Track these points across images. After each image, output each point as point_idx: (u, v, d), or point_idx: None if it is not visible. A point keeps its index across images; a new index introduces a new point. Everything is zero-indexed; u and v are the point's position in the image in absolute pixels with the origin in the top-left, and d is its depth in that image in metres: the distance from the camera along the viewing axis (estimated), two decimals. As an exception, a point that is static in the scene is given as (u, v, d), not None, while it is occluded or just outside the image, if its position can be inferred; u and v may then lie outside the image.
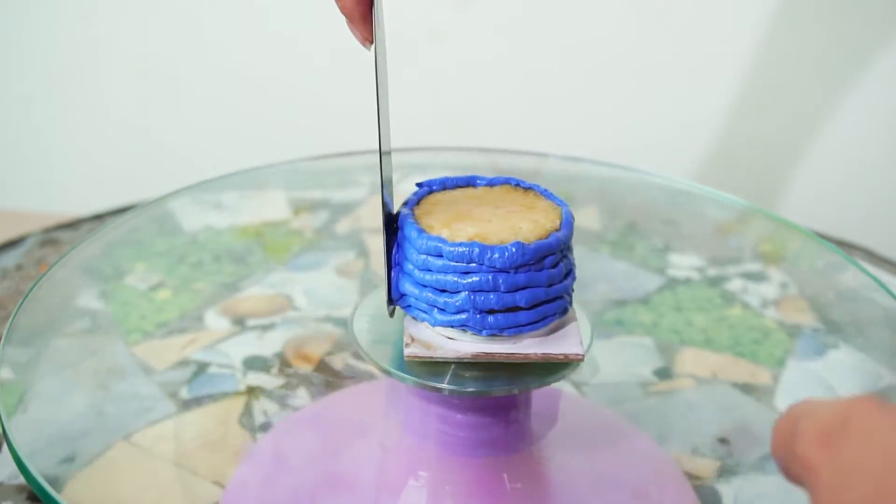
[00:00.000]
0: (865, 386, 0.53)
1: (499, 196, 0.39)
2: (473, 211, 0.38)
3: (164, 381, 0.51)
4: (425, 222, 0.37)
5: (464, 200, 0.39)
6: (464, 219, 0.37)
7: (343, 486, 0.43)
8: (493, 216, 0.37)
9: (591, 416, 0.50)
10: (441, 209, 0.38)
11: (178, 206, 0.67)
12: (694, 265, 0.65)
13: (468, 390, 0.36)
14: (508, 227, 0.36)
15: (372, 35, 0.36)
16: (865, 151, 0.89)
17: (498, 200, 0.39)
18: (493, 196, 0.39)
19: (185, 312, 0.58)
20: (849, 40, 0.86)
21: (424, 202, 0.39)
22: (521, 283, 0.35)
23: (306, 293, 0.61)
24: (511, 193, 0.40)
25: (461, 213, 0.37)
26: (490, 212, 0.38)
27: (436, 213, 0.38)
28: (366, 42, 0.36)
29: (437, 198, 0.39)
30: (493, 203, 0.38)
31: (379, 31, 0.36)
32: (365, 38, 0.36)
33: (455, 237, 0.36)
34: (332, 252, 0.66)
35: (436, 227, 0.37)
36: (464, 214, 0.37)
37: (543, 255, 0.36)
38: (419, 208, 0.38)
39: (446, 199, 0.39)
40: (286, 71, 0.92)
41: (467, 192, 0.40)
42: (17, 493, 0.45)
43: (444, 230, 0.36)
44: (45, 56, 0.92)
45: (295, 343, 0.55)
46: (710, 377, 0.53)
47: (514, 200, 0.39)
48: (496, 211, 0.38)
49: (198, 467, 0.45)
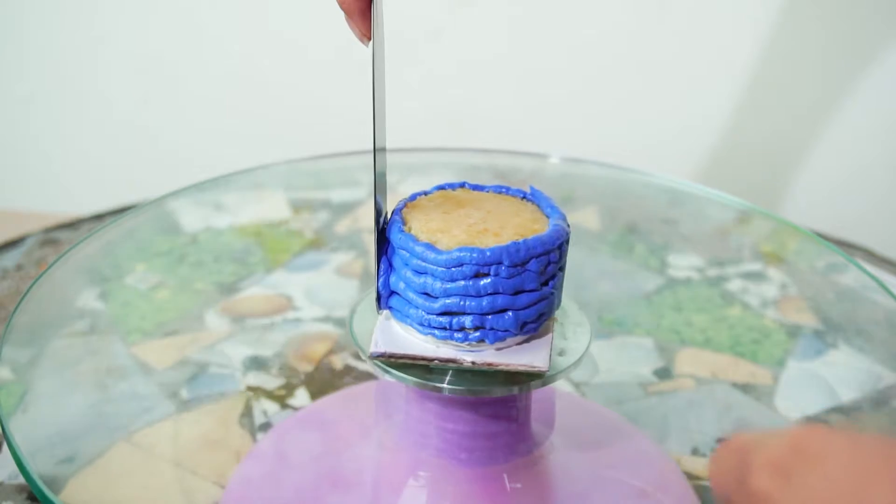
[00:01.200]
0: (865, 386, 0.53)
1: (486, 202, 0.39)
2: (459, 216, 0.37)
3: (164, 381, 0.51)
4: (411, 225, 0.37)
5: (451, 205, 0.39)
6: (449, 223, 0.37)
7: (343, 486, 0.43)
8: (477, 222, 0.37)
9: (591, 416, 0.50)
10: (427, 213, 0.38)
11: (178, 206, 0.67)
12: (694, 265, 0.65)
13: (468, 390, 0.36)
14: (490, 234, 0.36)
15: (370, 32, 0.36)
16: (865, 151, 0.89)
17: (485, 207, 0.39)
18: (480, 202, 0.39)
19: (185, 312, 0.58)
20: (849, 40, 0.86)
21: (413, 205, 0.39)
22: (501, 290, 0.35)
23: (306, 293, 0.61)
24: (498, 200, 0.39)
25: (446, 217, 0.37)
26: (475, 218, 0.37)
27: (422, 217, 0.37)
28: (364, 38, 0.36)
29: (424, 202, 0.39)
30: (479, 210, 0.38)
31: (378, 28, 0.36)
32: (363, 34, 0.36)
33: (437, 242, 0.36)
34: (332, 252, 0.66)
35: (419, 232, 0.36)
36: (449, 219, 0.37)
37: (522, 263, 0.35)
38: (407, 210, 0.38)
39: (433, 203, 0.39)
40: (286, 71, 0.92)
41: (455, 197, 0.39)
42: (17, 493, 0.45)
43: (426, 234, 0.36)
44: (45, 56, 0.92)
45: (295, 343, 0.55)
46: (710, 377, 0.53)
47: (501, 208, 0.39)
48: (481, 217, 0.37)
49: (198, 467, 0.45)
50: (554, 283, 0.37)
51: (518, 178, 0.71)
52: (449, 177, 0.71)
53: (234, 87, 0.93)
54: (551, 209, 0.38)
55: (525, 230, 0.37)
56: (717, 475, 0.26)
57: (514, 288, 0.35)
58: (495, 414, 0.39)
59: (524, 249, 0.35)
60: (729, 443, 0.26)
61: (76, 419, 0.48)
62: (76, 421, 0.47)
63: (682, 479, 0.45)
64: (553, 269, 0.37)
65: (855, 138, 0.88)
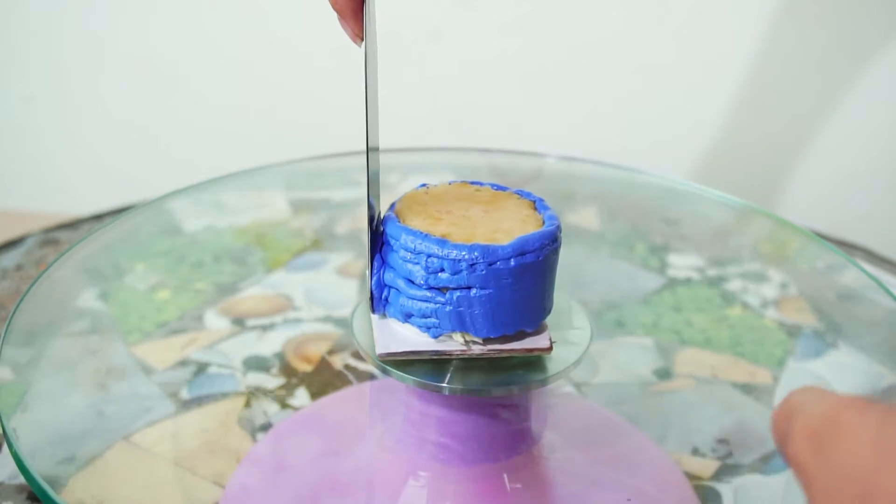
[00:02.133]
0: (865, 386, 0.53)
1: (483, 199, 0.39)
2: (455, 213, 0.37)
3: (164, 381, 0.51)
4: (407, 221, 0.37)
5: (448, 200, 0.39)
6: (443, 219, 0.37)
7: (343, 487, 0.43)
8: (474, 219, 0.37)
9: (591, 416, 0.50)
10: (423, 209, 0.38)
11: (178, 206, 0.67)
12: (694, 265, 0.65)
13: (468, 390, 0.36)
14: (488, 231, 0.36)
15: (362, 32, 0.36)
16: (865, 151, 0.89)
17: (482, 204, 0.39)
18: (478, 199, 0.39)
19: (185, 312, 0.58)
20: (849, 40, 0.86)
21: (408, 199, 0.39)
22: (499, 288, 0.35)
23: (306, 293, 0.61)
24: (496, 197, 0.39)
25: (442, 213, 0.37)
26: (472, 214, 0.37)
27: (417, 213, 0.37)
28: (356, 39, 0.36)
29: (420, 196, 0.39)
30: (477, 206, 0.38)
31: (370, 28, 0.36)
32: (355, 34, 0.36)
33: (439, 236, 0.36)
34: (332, 252, 0.66)
35: (416, 225, 0.36)
36: (444, 215, 0.37)
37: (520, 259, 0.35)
38: (402, 204, 0.38)
39: (429, 198, 0.39)
40: (286, 71, 0.92)
41: (452, 192, 0.39)
42: (17, 493, 0.45)
43: (424, 229, 0.36)
44: (45, 56, 0.92)
45: (295, 343, 0.55)
46: (710, 377, 0.53)
47: (497, 205, 0.39)
48: (478, 214, 0.38)
49: (198, 467, 0.45)
50: (550, 279, 0.37)
51: (518, 178, 0.71)
52: (449, 177, 0.71)
53: (234, 88, 0.93)
54: (543, 208, 0.38)
55: (523, 227, 0.37)
56: (774, 432, 0.27)
57: (512, 284, 0.35)
58: (495, 414, 0.39)
59: (521, 245, 0.35)
60: (787, 399, 0.27)
61: (76, 419, 0.48)
62: (76, 421, 0.47)
63: (682, 479, 0.45)
64: (551, 265, 0.37)
65: (855, 138, 0.88)
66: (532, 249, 0.36)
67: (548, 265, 0.37)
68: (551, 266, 0.37)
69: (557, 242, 0.37)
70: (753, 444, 0.48)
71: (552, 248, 0.36)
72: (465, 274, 0.35)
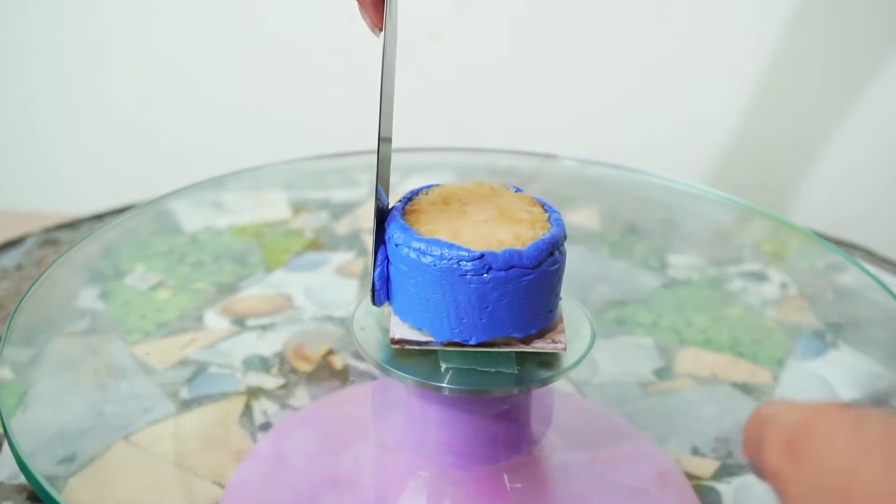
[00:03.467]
0: (865, 386, 0.53)
1: (491, 199, 0.39)
2: (461, 214, 0.37)
3: (164, 381, 0.51)
4: (412, 221, 0.37)
5: (455, 201, 0.38)
6: (453, 222, 0.37)
7: (343, 486, 0.43)
8: (479, 221, 0.37)
9: (591, 416, 0.50)
10: (429, 209, 0.38)
11: (178, 206, 0.67)
12: (694, 265, 0.65)
13: (468, 390, 0.36)
14: (490, 234, 0.36)
15: (382, 22, 0.35)
16: (865, 151, 0.89)
17: (489, 204, 0.38)
18: (485, 199, 0.39)
19: (185, 312, 0.58)
20: (849, 40, 0.86)
21: (415, 201, 0.39)
22: (501, 291, 0.35)
23: (306, 293, 0.61)
24: (506, 197, 0.39)
25: (448, 215, 0.37)
26: (477, 216, 0.37)
27: (423, 214, 0.37)
28: (375, 29, 0.36)
29: (426, 198, 0.39)
30: (484, 207, 0.38)
31: (391, 19, 0.36)
32: (375, 24, 0.35)
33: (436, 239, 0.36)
34: (332, 252, 0.66)
35: (421, 229, 0.36)
36: (450, 217, 0.37)
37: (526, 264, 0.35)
38: (409, 206, 0.38)
39: (436, 198, 0.39)
40: (286, 71, 0.92)
41: (459, 193, 0.39)
42: (17, 493, 0.45)
43: (430, 233, 0.36)
44: (45, 56, 0.92)
45: (295, 343, 0.55)
46: (710, 377, 0.53)
47: (505, 205, 0.38)
48: (483, 216, 0.37)
49: (198, 467, 0.45)
50: (560, 279, 0.37)
51: (518, 178, 0.71)
52: (449, 177, 0.71)
53: (234, 87, 0.93)
54: (549, 209, 0.38)
55: (534, 230, 0.36)
56: (745, 442, 0.27)
57: (527, 287, 0.35)
58: (495, 414, 0.39)
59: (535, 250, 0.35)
60: (758, 411, 0.27)
61: (76, 419, 0.48)
62: (76, 421, 0.47)
63: (682, 479, 0.45)
64: (560, 266, 0.37)
65: (855, 138, 0.88)
66: (522, 264, 0.35)
67: (543, 275, 0.36)
68: (548, 276, 0.37)
69: (556, 255, 0.36)
70: (753, 444, 0.48)
71: (549, 260, 0.36)
72: (451, 278, 0.35)
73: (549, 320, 0.37)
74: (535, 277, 0.35)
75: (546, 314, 0.37)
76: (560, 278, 0.37)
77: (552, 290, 0.37)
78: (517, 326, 0.36)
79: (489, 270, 0.35)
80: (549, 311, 0.37)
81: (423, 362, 0.37)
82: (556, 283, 0.37)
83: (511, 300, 0.35)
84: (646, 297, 0.61)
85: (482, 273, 0.35)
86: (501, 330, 0.36)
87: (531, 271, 0.35)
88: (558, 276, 0.37)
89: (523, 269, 0.35)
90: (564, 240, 0.37)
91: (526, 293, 0.35)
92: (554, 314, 0.38)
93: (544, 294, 0.36)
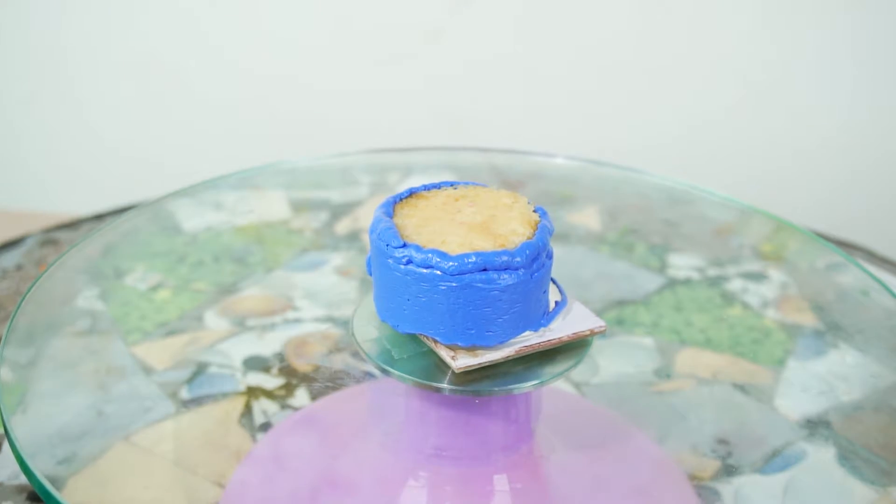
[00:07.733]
0: (865, 386, 0.53)
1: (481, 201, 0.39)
2: (449, 217, 0.37)
3: (164, 381, 0.51)
4: (399, 224, 0.37)
5: (443, 205, 0.38)
6: (443, 223, 0.37)
7: (343, 487, 0.43)
8: (467, 223, 0.37)
9: (591, 416, 0.50)
10: (417, 213, 0.37)
11: (178, 206, 0.67)
12: (694, 265, 0.65)
13: (468, 390, 0.36)
14: (481, 236, 0.36)
15: None
16: (865, 151, 0.89)
17: (480, 207, 0.38)
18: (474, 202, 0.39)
19: (185, 312, 0.58)
20: (849, 40, 0.86)
21: (404, 204, 0.38)
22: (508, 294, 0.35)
23: (306, 293, 0.61)
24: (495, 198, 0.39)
25: (436, 218, 0.37)
26: (465, 218, 0.37)
27: (411, 218, 0.37)
28: None
29: (414, 201, 0.39)
30: (473, 210, 0.38)
31: None
32: None
33: (425, 244, 0.35)
34: (332, 252, 0.66)
35: (409, 234, 0.36)
36: (444, 218, 0.37)
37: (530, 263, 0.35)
38: (399, 206, 0.38)
39: (424, 202, 0.38)
40: (286, 71, 0.92)
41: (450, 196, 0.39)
42: (17, 493, 0.45)
43: (417, 237, 0.36)
44: (45, 56, 0.92)
45: (295, 343, 0.55)
46: (710, 377, 0.53)
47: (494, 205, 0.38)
48: (472, 218, 0.37)
49: (198, 467, 0.45)
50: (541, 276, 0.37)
51: (518, 178, 0.71)
52: (449, 177, 0.71)
53: (234, 87, 0.93)
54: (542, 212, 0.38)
55: (525, 229, 0.36)
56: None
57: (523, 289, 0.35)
58: (495, 414, 0.39)
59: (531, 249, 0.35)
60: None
61: (76, 419, 0.48)
62: (76, 421, 0.47)
63: (682, 479, 0.45)
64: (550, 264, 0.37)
65: (855, 138, 0.88)
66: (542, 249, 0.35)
67: (530, 280, 0.36)
68: (535, 280, 0.36)
69: (540, 260, 0.36)
70: (753, 444, 0.48)
71: (532, 265, 0.36)
72: (435, 283, 0.35)
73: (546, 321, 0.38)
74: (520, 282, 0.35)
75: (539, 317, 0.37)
76: (547, 280, 0.37)
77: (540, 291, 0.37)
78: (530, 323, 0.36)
79: (460, 275, 0.34)
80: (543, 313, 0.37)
81: (423, 362, 0.37)
82: (544, 284, 0.37)
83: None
84: (646, 297, 0.61)
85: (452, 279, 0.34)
86: (515, 329, 0.36)
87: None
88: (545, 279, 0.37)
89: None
90: (545, 249, 0.37)
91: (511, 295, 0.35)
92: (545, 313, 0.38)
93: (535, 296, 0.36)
